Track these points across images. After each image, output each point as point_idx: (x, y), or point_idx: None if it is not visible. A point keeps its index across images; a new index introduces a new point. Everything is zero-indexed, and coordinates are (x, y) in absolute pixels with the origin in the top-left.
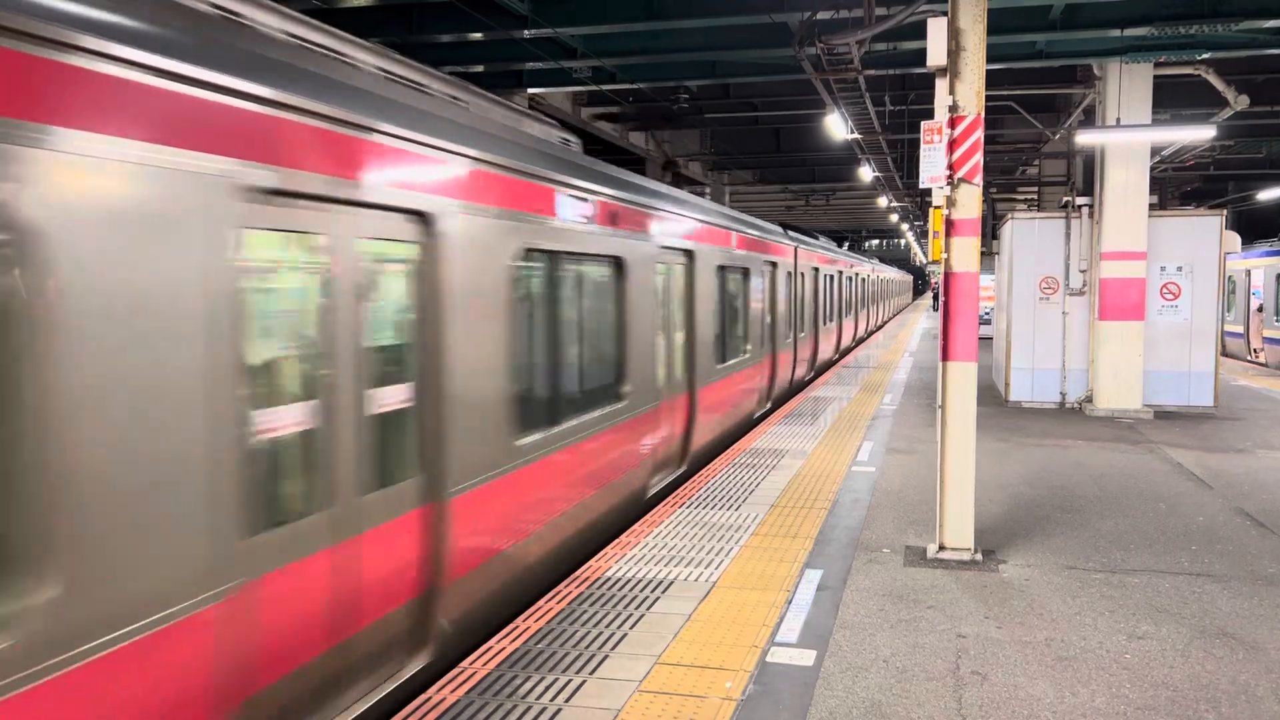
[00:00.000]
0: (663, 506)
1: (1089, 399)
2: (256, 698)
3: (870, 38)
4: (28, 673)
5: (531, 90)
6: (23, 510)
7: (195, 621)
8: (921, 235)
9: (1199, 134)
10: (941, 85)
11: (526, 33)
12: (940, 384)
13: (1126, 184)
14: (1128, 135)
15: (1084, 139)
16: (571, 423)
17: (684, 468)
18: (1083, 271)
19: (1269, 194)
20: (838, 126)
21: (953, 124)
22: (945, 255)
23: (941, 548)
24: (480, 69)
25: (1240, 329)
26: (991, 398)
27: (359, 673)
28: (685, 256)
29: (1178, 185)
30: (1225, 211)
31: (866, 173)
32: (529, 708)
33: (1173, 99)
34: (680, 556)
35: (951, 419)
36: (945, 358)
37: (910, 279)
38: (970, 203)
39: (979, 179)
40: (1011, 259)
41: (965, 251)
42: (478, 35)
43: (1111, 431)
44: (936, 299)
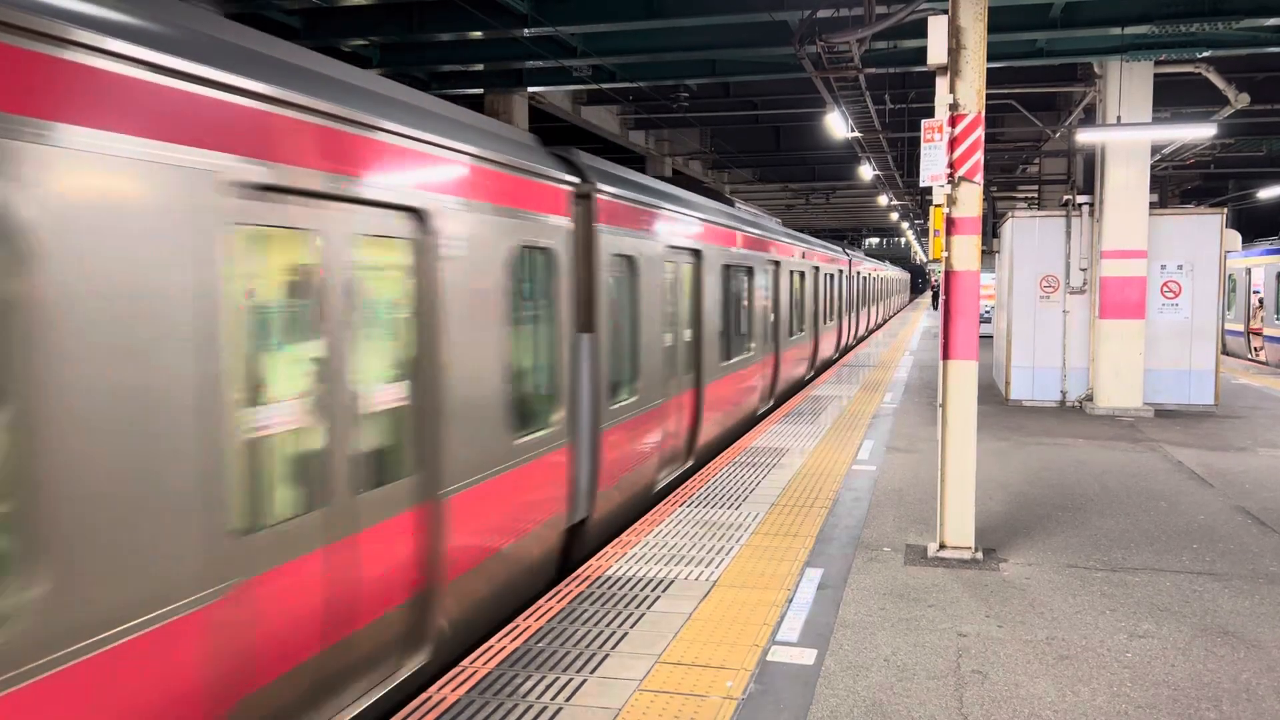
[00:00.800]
0: (664, 505)
1: (1089, 397)
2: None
3: (870, 36)
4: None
5: (531, 89)
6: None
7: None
8: (922, 234)
9: (1199, 132)
10: (942, 83)
11: (526, 31)
12: (941, 382)
13: (1127, 182)
14: (1128, 133)
15: (1084, 137)
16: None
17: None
18: (1083, 270)
19: (1269, 192)
20: (838, 125)
21: (953, 122)
22: (946, 254)
23: (942, 546)
24: (480, 68)
25: (1241, 327)
26: (992, 396)
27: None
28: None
29: (1178, 183)
30: (1226, 210)
31: (867, 171)
32: (529, 706)
33: (1173, 97)
34: (681, 555)
35: (952, 417)
36: (946, 356)
37: (908, 276)
38: (971, 201)
39: (979, 177)
40: (1012, 257)
41: (966, 250)
42: (478, 34)
43: (1112, 430)
44: (936, 297)
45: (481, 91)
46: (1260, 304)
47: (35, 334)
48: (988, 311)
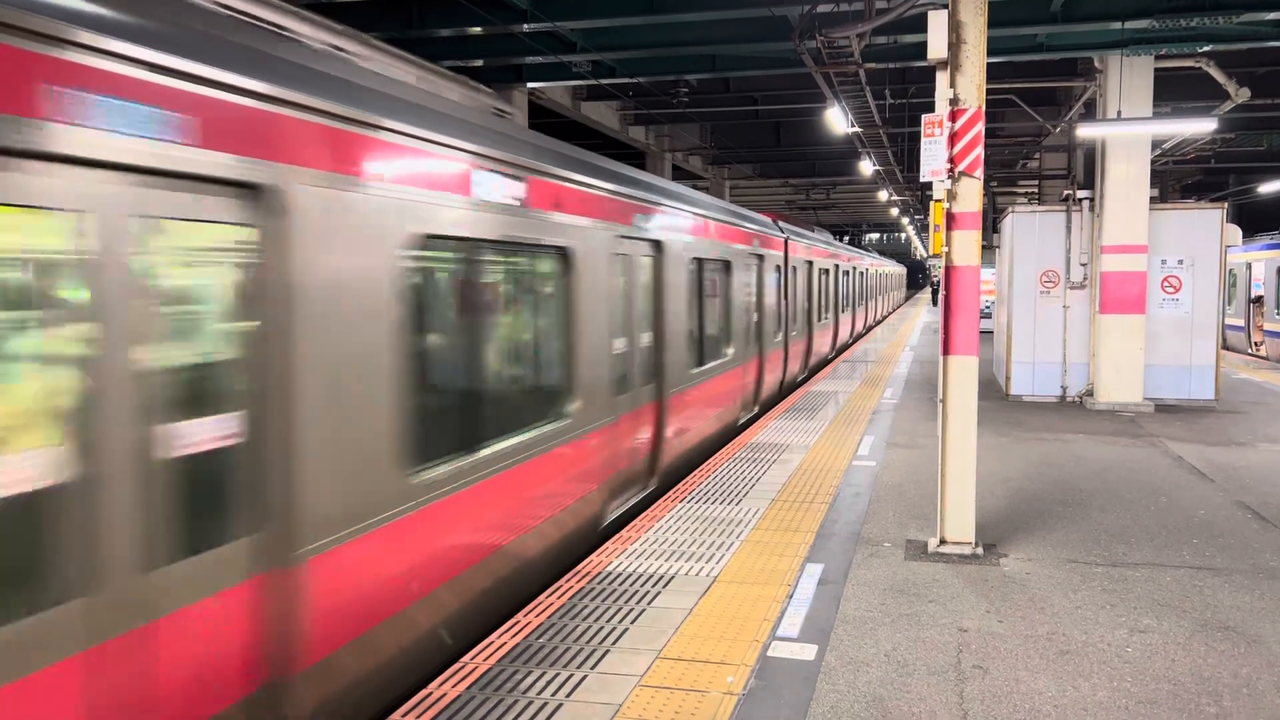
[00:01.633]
0: (663, 501)
1: (1090, 393)
2: None
3: (870, 31)
4: None
5: (531, 85)
6: None
7: None
8: (922, 229)
9: (1200, 127)
10: (942, 78)
11: (526, 27)
12: (941, 378)
13: (1127, 177)
14: (1129, 128)
15: (1085, 132)
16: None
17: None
18: (1083, 265)
19: (1270, 187)
20: (838, 120)
21: (953, 117)
22: (946, 249)
23: (943, 542)
24: (479, 63)
25: (1241, 322)
26: (992, 392)
27: None
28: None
29: (1179, 178)
30: (1226, 205)
31: (867, 166)
32: (530, 702)
33: (1173, 92)
34: (681, 551)
35: (952, 413)
36: (946, 352)
37: (904, 271)
38: (971, 196)
39: (980, 172)
40: (1012, 253)
41: (966, 245)
42: (477, 30)
43: (1112, 425)
44: (936, 293)
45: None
46: (1259, 299)
47: None
48: (988, 307)
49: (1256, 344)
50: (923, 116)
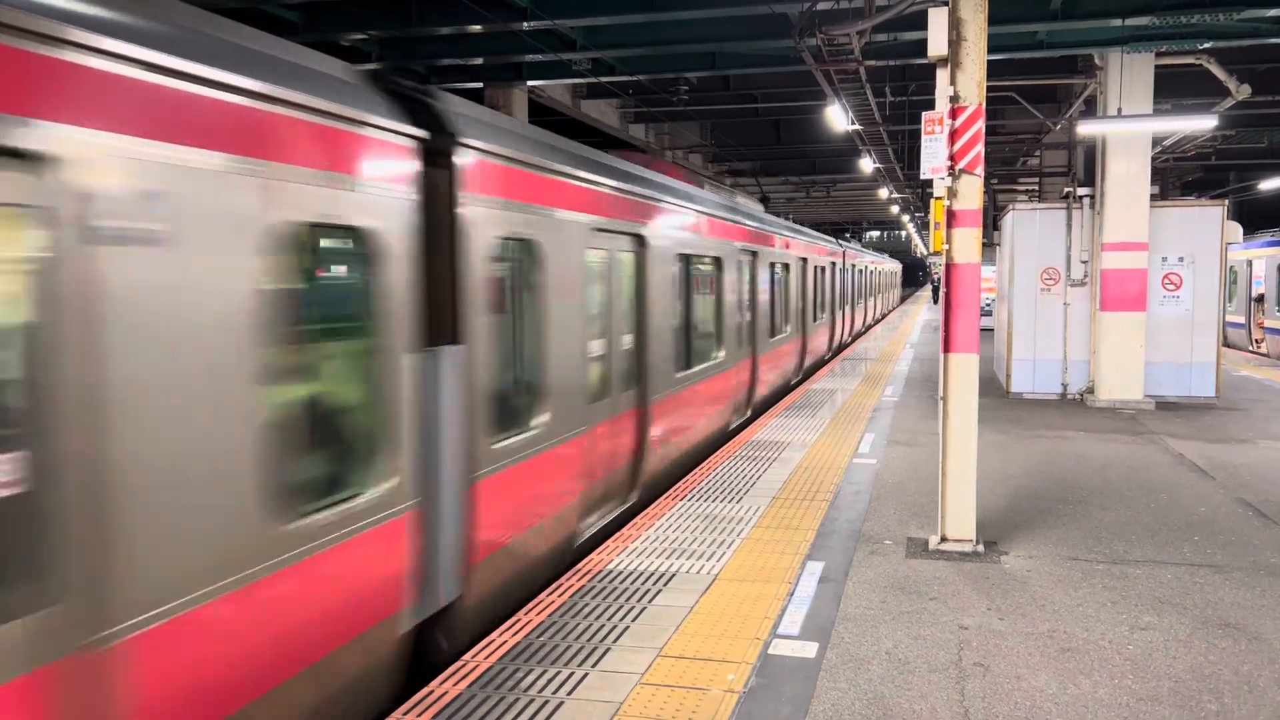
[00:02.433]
0: (664, 499)
1: (1090, 390)
2: None
3: (870, 28)
4: None
5: (531, 83)
6: None
7: None
8: (922, 227)
9: (1200, 124)
10: (942, 76)
11: (525, 25)
12: (942, 376)
13: (1128, 174)
14: (1129, 125)
15: (1085, 129)
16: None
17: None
18: (1084, 262)
19: (1270, 184)
20: (838, 118)
21: (954, 115)
22: (946, 247)
23: (943, 539)
24: (479, 62)
25: (1242, 319)
26: (993, 389)
27: None
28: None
29: (1179, 175)
30: (1227, 202)
31: (867, 164)
32: (531, 700)
33: (1174, 89)
34: (682, 549)
35: (953, 411)
36: (947, 349)
37: (899, 267)
38: (971, 194)
39: (980, 170)
40: (1013, 250)
41: (966, 243)
42: (477, 28)
43: (1113, 423)
44: (937, 292)
45: (481, 85)
46: (1260, 298)
47: None
48: (988, 304)
49: (1257, 341)
50: (923, 114)
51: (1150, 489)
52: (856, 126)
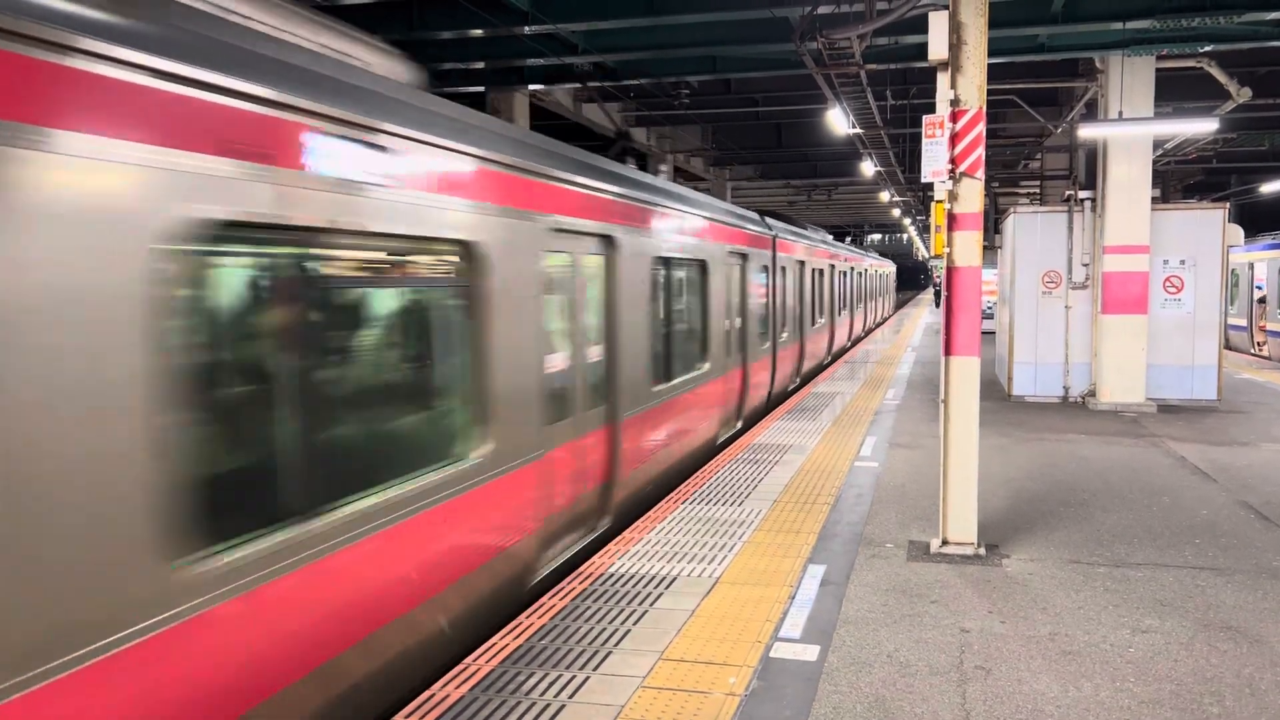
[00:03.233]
0: (665, 503)
1: (1092, 393)
2: None
3: (871, 32)
4: None
5: (532, 87)
6: None
7: None
8: (923, 230)
9: (1201, 127)
10: (943, 79)
11: (527, 29)
12: (943, 379)
13: (1129, 177)
14: (1130, 128)
15: (1086, 132)
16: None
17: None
18: (1085, 265)
19: (1272, 187)
20: (839, 121)
21: (954, 118)
22: (948, 250)
23: (945, 542)
24: (481, 65)
25: (1244, 322)
26: (994, 392)
27: None
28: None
29: (1180, 178)
30: (1228, 205)
31: (868, 167)
32: (533, 704)
33: (1175, 92)
34: (683, 552)
35: (954, 414)
36: (948, 352)
37: (892, 268)
38: (972, 197)
39: (981, 173)
40: (1014, 253)
41: (967, 246)
42: (478, 32)
43: (1115, 425)
44: (939, 295)
45: (483, 89)
46: (1264, 300)
47: None
48: (989, 307)
49: (1259, 344)
50: (924, 117)
51: (1152, 492)
52: (857, 130)
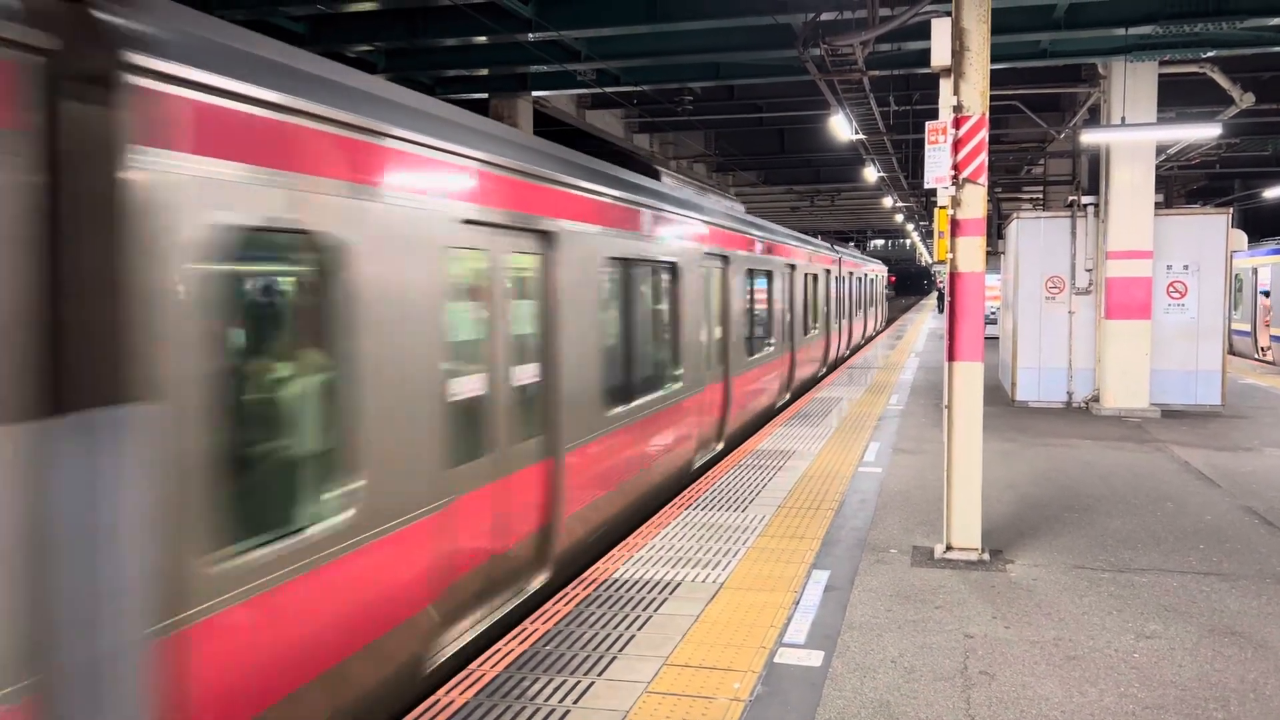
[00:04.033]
0: (669, 508)
1: (1096, 398)
2: None
3: (874, 38)
4: None
5: (536, 93)
6: None
7: None
8: (927, 235)
9: (1204, 132)
10: (946, 85)
11: (530, 36)
12: (946, 384)
13: (1132, 183)
14: (1133, 134)
15: (1089, 138)
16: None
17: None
18: (1089, 271)
19: (1275, 192)
20: (842, 127)
21: (957, 124)
22: (951, 255)
23: (949, 548)
24: (484, 72)
25: (1248, 327)
26: (998, 397)
27: None
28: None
29: (1183, 184)
30: (1231, 210)
31: (871, 173)
32: (538, 709)
33: (1178, 97)
34: (687, 558)
35: (958, 419)
36: (951, 358)
37: (884, 271)
38: (975, 203)
39: (984, 179)
40: (1017, 258)
41: (971, 251)
42: (482, 39)
43: (1118, 431)
44: (942, 300)
45: (486, 96)
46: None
47: None
48: (993, 313)
49: (1263, 349)
50: (927, 124)
51: (1156, 497)
52: (860, 136)
